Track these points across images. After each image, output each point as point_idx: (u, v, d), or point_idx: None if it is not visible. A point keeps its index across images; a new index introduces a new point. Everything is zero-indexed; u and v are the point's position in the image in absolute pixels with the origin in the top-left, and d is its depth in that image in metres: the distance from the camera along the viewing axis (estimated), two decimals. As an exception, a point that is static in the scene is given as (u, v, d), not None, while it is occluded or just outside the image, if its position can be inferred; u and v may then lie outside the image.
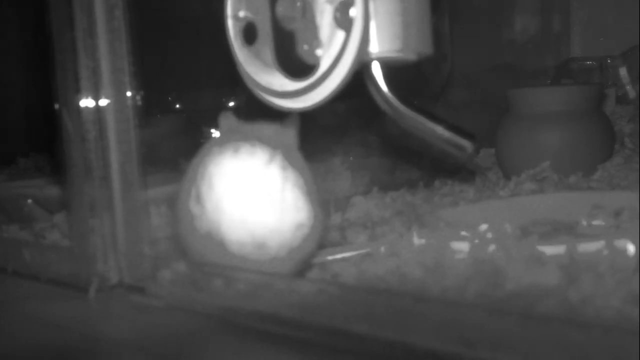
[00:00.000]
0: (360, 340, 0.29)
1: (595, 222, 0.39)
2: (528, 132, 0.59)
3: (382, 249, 0.36)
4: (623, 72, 0.66)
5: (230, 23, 0.35)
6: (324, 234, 0.38)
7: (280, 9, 0.33)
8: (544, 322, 0.25)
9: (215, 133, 0.54)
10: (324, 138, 0.59)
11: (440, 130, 0.37)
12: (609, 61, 0.74)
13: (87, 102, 0.41)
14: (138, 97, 0.42)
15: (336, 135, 0.62)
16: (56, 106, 0.42)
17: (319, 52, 0.33)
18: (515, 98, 0.61)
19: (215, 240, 0.36)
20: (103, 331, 0.37)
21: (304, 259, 0.37)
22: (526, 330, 0.25)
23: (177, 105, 0.65)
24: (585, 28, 0.83)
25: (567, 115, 0.58)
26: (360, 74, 0.36)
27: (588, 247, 0.31)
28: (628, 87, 0.66)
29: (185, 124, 0.63)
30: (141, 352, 0.33)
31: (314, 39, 0.33)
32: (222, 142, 0.37)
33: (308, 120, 0.41)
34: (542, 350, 0.24)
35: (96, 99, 0.41)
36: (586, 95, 0.60)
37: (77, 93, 0.41)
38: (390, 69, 0.37)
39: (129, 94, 0.41)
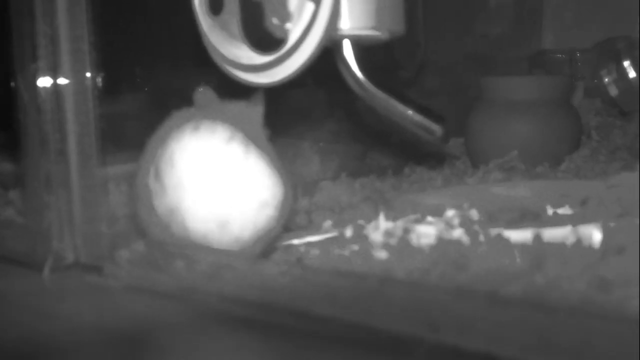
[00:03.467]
0: (324, 322, 0.28)
1: (562, 211, 0.39)
2: (497, 121, 0.59)
3: (349, 232, 0.35)
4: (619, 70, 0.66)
5: (196, -8, 0.33)
6: (290, 215, 0.37)
7: (248, -21, 0.32)
8: (509, 305, 0.25)
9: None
10: (294, 121, 0.58)
11: (410, 112, 0.37)
12: (578, 54, 0.75)
13: (44, 71, 0.39)
14: (99, 73, 0.40)
15: (306, 120, 0.61)
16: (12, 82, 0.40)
17: (288, 25, 0.32)
18: (486, 86, 0.61)
19: (175, 219, 0.35)
20: (58, 311, 0.35)
21: (268, 240, 0.36)
22: (491, 314, 0.25)
23: (143, 84, 0.63)
24: (557, 21, 0.83)
25: (536, 105, 0.59)
26: (332, 55, 0.35)
27: (554, 233, 0.31)
28: (607, 81, 0.67)
29: (150, 103, 0.61)
30: (97, 334, 0.31)
31: (283, 12, 0.31)
32: (182, 119, 0.35)
33: (278, 102, 0.39)
34: (507, 333, 0.24)
35: (54, 68, 0.39)
36: (556, 86, 0.60)
37: (34, 61, 0.39)
38: (363, 50, 0.36)
39: (88, 63, 0.39)
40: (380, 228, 0.33)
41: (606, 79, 0.66)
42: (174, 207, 0.34)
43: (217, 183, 0.34)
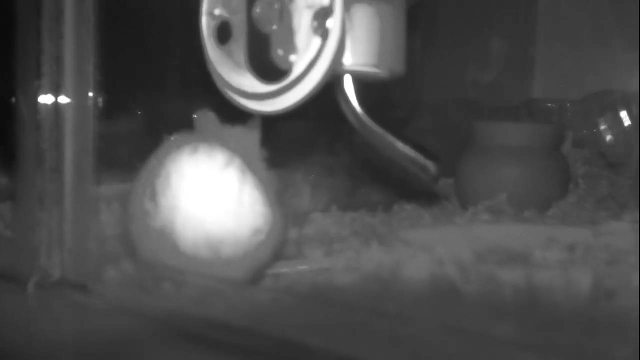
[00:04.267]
0: (311, 353, 0.28)
1: (550, 255, 0.39)
2: (488, 165, 0.60)
3: (340, 263, 0.36)
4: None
5: (204, 20, 0.34)
6: (282, 244, 0.38)
7: (257, 10, 0.33)
8: (497, 344, 0.25)
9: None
10: (287, 153, 0.59)
11: (406, 149, 0.37)
12: (568, 105, 0.76)
13: (46, 89, 0.39)
14: (101, 94, 0.40)
15: (300, 152, 0.62)
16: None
17: (293, 57, 0.32)
18: (478, 130, 0.62)
19: (168, 240, 0.35)
20: (39, 329, 0.35)
21: (259, 266, 0.36)
22: (480, 352, 0.25)
23: (139, 108, 0.64)
24: (548, 72, 0.85)
25: (527, 152, 0.60)
26: (330, 90, 0.36)
27: (545, 276, 0.31)
28: (603, 128, 0.68)
29: (145, 128, 0.62)
30: (78, 353, 0.31)
31: (289, 44, 0.32)
32: (181, 142, 0.36)
33: (274, 132, 0.40)
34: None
35: (56, 86, 0.39)
36: (546, 134, 0.61)
37: (37, 79, 0.39)
38: (361, 86, 0.37)
39: (91, 84, 0.39)
40: (372, 261, 0.34)
41: (602, 127, 0.68)
42: (167, 228, 0.35)
43: (211, 207, 0.34)
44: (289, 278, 0.38)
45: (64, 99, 0.40)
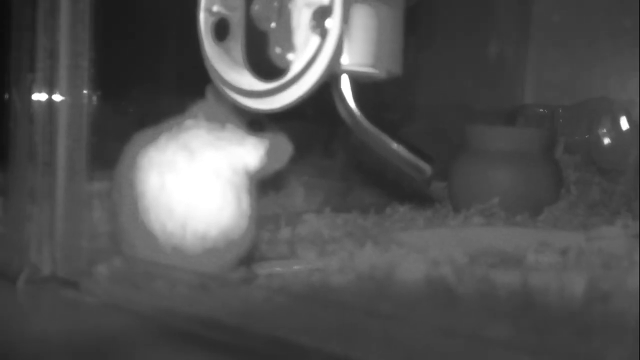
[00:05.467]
0: (304, 353, 0.28)
1: (542, 258, 0.39)
2: (481, 169, 0.60)
3: (334, 263, 0.35)
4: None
5: (202, 16, 0.34)
6: (256, 237, 0.39)
7: (256, 8, 0.33)
8: (493, 346, 0.25)
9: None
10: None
11: (401, 150, 0.37)
12: (560, 111, 0.77)
13: (40, 83, 0.39)
14: (96, 89, 0.40)
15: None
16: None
17: (290, 56, 0.32)
18: (472, 134, 0.62)
19: (149, 233, 0.35)
20: (29, 326, 0.34)
21: (242, 253, 0.36)
22: (474, 352, 0.25)
23: (133, 104, 0.63)
24: (540, 78, 0.86)
25: (519, 156, 0.60)
26: (325, 92, 0.36)
27: (538, 278, 0.31)
28: (602, 132, 0.69)
29: (140, 124, 0.61)
30: (67, 349, 0.31)
31: (287, 42, 0.32)
32: (150, 135, 0.37)
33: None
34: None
35: (50, 81, 0.39)
36: (539, 138, 0.62)
37: (30, 73, 0.39)
38: (357, 86, 0.37)
39: (86, 79, 0.39)
40: (366, 261, 0.33)
41: (601, 130, 0.68)
42: (152, 216, 0.35)
43: (185, 197, 0.36)
44: (282, 278, 0.38)
45: (57, 94, 0.39)
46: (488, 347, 0.25)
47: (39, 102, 0.39)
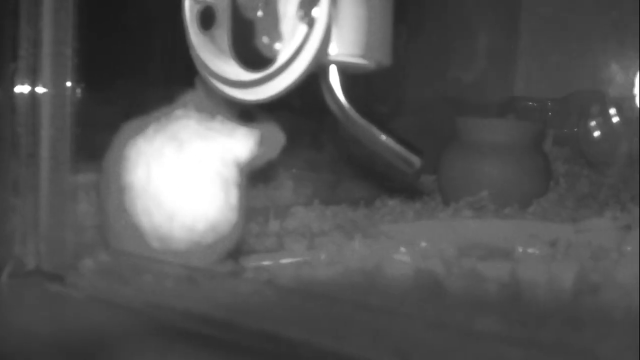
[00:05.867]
0: (292, 346, 0.28)
1: (531, 250, 0.39)
2: (470, 161, 0.60)
3: (322, 256, 0.35)
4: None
5: (187, 4, 0.33)
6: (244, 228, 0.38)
7: (242, -4, 0.32)
8: (482, 338, 0.24)
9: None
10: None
11: (390, 142, 0.37)
12: (549, 104, 0.77)
13: (22, 73, 0.38)
14: (79, 78, 0.39)
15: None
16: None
17: (277, 45, 0.32)
18: (461, 126, 0.62)
19: (138, 221, 0.35)
20: (13, 320, 0.34)
21: (230, 246, 0.36)
22: (463, 346, 0.25)
23: (118, 94, 0.62)
24: (530, 70, 0.86)
25: (509, 148, 0.60)
26: (313, 84, 0.35)
27: (527, 270, 0.31)
28: (592, 125, 0.69)
29: (126, 115, 0.61)
30: (53, 348, 0.30)
31: (274, 31, 0.32)
32: (139, 126, 0.37)
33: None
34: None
35: (34, 70, 0.38)
36: (529, 131, 0.62)
37: (13, 61, 0.38)
38: (345, 78, 0.36)
39: (69, 68, 0.38)
40: (355, 254, 0.33)
41: (591, 123, 0.68)
42: (140, 209, 0.35)
43: (173, 187, 0.35)
44: (271, 270, 0.37)
45: (40, 84, 0.39)
46: (477, 340, 0.24)
47: (21, 92, 0.38)
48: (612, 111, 0.67)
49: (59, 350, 0.30)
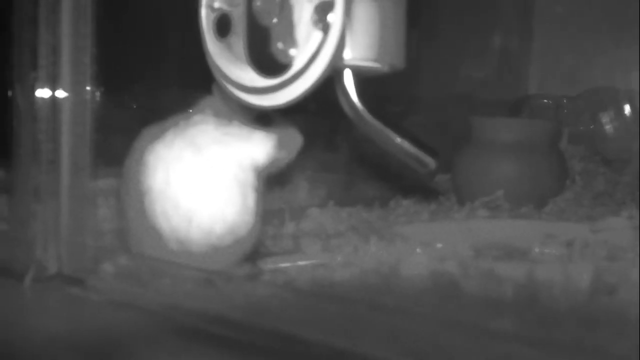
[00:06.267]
0: (309, 347, 0.28)
1: (548, 250, 0.39)
2: (486, 160, 0.60)
3: (339, 257, 0.35)
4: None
5: (203, 12, 0.34)
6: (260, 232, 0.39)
7: (257, 3, 0.32)
8: (497, 339, 0.25)
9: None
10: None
11: (405, 143, 0.37)
12: (565, 101, 0.76)
13: (43, 80, 0.39)
14: (99, 85, 0.40)
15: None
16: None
17: (292, 51, 0.32)
18: (476, 125, 0.62)
19: (157, 224, 0.35)
20: (35, 324, 0.34)
21: (248, 249, 0.37)
22: (479, 347, 0.25)
23: (137, 101, 0.63)
24: (544, 68, 0.85)
25: (525, 147, 0.60)
26: (328, 86, 0.35)
27: (544, 271, 0.31)
28: (605, 121, 0.68)
29: (144, 121, 0.61)
30: (75, 350, 0.31)
31: (289, 38, 0.32)
32: (157, 132, 0.37)
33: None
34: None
35: (53, 78, 0.39)
36: (544, 130, 0.61)
37: (33, 70, 0.39)
38: (360, 80, 0.36)
39: (88, 75, 0.39)
40: (371, 255, 0.33)
41: (604, 119, 0.68)
42: (158, 212, 0.36)
43: (191, 191, 0.36)
44: (287, 272, 0.38)
45: (60, 91, 0.39)
46: (493, 340, 0.24)
47: (42, 99, 0.39)
48: (627, 108, 0.67)
49: (80, 352, 0.30)
